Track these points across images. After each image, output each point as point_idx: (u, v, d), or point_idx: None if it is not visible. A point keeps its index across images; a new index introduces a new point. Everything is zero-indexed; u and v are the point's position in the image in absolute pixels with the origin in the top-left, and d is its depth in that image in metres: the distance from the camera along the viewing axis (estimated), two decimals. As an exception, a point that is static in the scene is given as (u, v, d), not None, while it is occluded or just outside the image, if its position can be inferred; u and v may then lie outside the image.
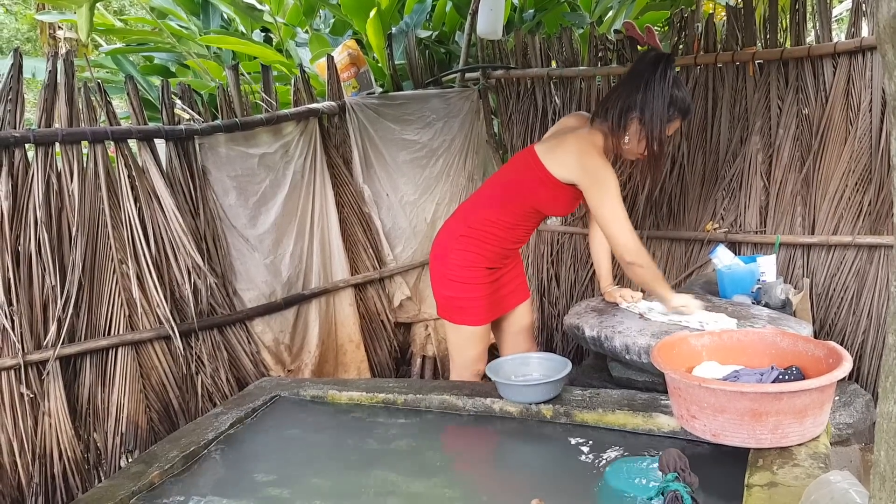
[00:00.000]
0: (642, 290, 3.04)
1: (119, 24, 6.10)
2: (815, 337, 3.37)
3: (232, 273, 3.58)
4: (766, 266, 3.32)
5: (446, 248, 3.00)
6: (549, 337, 4.65)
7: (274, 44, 5.45)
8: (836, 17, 6.46)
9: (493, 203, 2.96)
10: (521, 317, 3.22)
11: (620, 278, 3.66)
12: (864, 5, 3.39)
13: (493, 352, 3.38)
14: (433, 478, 2.25)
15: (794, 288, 3.49)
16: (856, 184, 3.46)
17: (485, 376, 2.84)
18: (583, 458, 2.23)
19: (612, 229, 2.75)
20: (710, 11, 6.01)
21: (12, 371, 2.90)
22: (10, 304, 2.89)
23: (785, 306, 3.10)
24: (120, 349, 3.18)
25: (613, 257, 3.05)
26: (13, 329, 2.89)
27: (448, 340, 3.18)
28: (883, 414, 1.13)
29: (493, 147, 4.62)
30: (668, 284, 2.83)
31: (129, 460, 3.09)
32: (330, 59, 4.02)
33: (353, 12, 4.82)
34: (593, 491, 2.04)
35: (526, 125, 4.49)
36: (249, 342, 3.62)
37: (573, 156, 2.77)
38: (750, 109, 3.74)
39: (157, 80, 5.10)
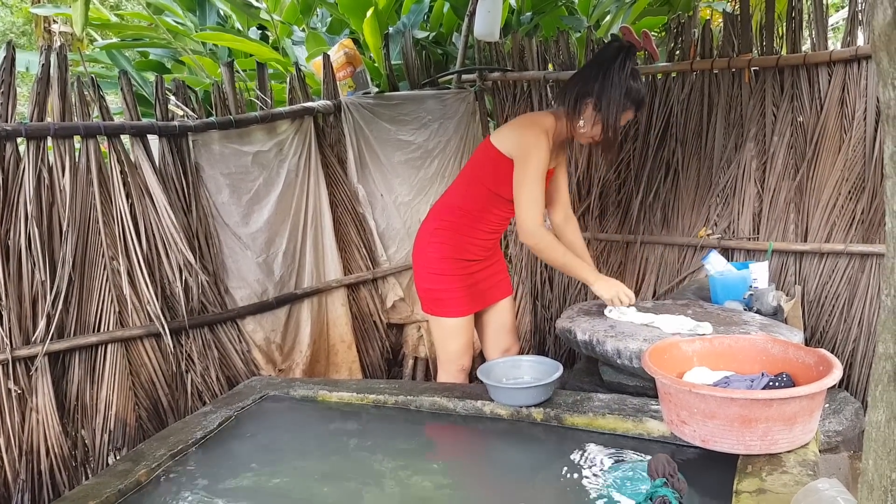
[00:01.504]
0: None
1: (115, 19, 6.08)
2: (806, 344, 3.37)
3: (224, 271, 3.57)
4: (759, 273, 3.32)
5: (424, 243, 3.06)
6: (541, 340, 4.64)
7: (270, 41, 5.45)
8: (832, 25, 6.49)
9: (459, 193, 3.04)
10: (503, 313, 3.23)
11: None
12: (860, 14, 3.40)
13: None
14: (423, 480, 2.25)
15: (786, 295, 3.50)
16: (849, 192, 3.47)
17: (475, 378, 2.84)
18: (573, 462, 2.22)
19: (520, 202, 2.82)
20: (707, 17, 6.03)
21: (0, 366, 2.88)
22: (-1, 298, 2.88)
23: (776, 313, 3.11)
24: (109, 346, 3.16)
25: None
26: (1, 324, 2.88)
27: (432, 336, 3.21)
28: (872, 422, 1.13)
29: (488, 149, 4.61)
30: (584, 269, 2.93)
31: (117, 458, 3.08)
32: (326, 57, 4.01)
33: (351, 11, 4.82)
34: (583, 496, 2.03)
35: (521, 128, 4.48)
36: (240, 341, 3.61)
37: (515, 129, 2.91)
38: (745, 116, 3.74)
39: (151, 76, 5.07)
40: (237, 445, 2.55)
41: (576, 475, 2.14)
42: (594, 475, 2.11)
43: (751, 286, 3.27)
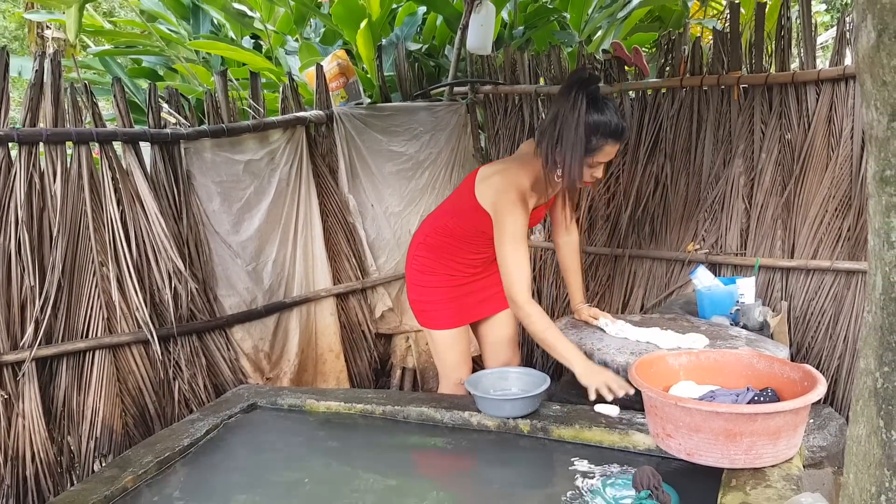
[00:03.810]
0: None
1: (108, 26, 6.09)
2: (792, 360, 3.39)
3: (213, 279, 3.57)
4: (746, 288, 3.35)
5: (411, 255, 3.07)
6: (529, 352, 4.64)
7: (263, 51, 5.46)
8: (820, 44, 6.55)
9: (446, 217, 2.99)
10: (500, 326, 3.21)
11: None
12: (848, 34, 3.44)
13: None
14: (409, 491, 2.25)
15: (773, 310, 3.52)
16: (836, 209, 3.50)
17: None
18: (558, 473, 2.23)
19: (506, 271, 2.68)
20: (698, 35, 6.08)
21: (-13, 371, 2.88)
22: (-13, 303, 2.87)
23: (763, 328, 3.13)
24: (97, 352, 3.16)
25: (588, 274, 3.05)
26: (-10, 329, 2.87)
27: (430, 348, 3.20)
28: (852, 437, 1.15)
29: (480, 161, 4.63)
30: (574, 350, 2.64)
31: (103, 465, 3.07)
32: (319, 68, 4.03)
33: (344, 22, 4.84)
34: (568, 507, 2.04)
35: (512, 140, 4.52)
36: (228, 349, 3.61)
37: (492, 192, 2.74)
38: (734, 133, 3.78)
39: (144, 83, 5.09)
40: (224, 453, 2.54)
41: (561, 487, 2.14)
42: (579, 487, 2.11)
43: (737, 301, 3.30)
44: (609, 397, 2.49)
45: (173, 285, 3.36)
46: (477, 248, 2.99)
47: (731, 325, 3.10)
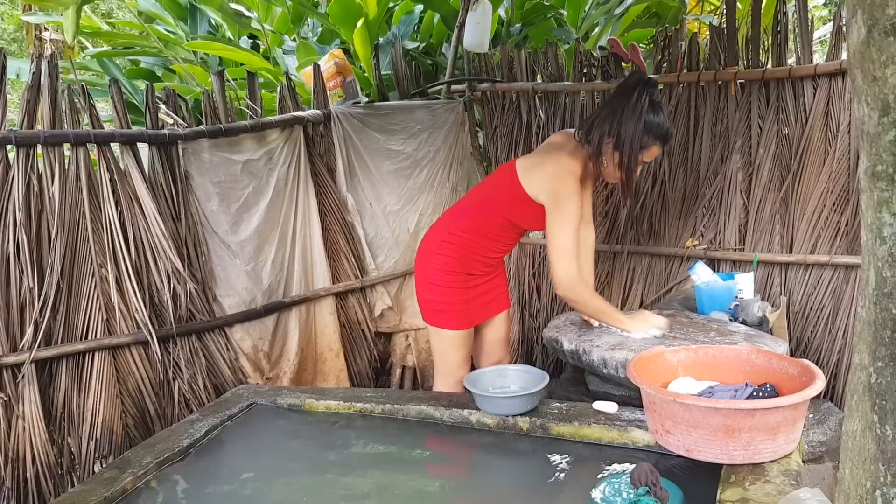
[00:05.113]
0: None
1: (106, 27, 6.09)
2: (792, 355, 3.39)
3: (212, 279, 3.57)
4: (744, 283, 3.35)
5: (429, 253, 3.04)
6: (528, 349, 4.66)
7: (261, 51, 5.46)
8: (819, 38, 6.54)
9: (474, 213, 3.00)
10: (499, 326, 3.23)
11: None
12: (844, 28, 3.44)
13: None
14: (409, 490, 2.26)
15: (772, 306, 3.52)
16: (834, 204, 3.50)
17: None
18: (558, 471, 2.23)
19: (554, 257, 2.79)
20: (695, 30, 6.08)
21: (-13, 373, 2.88)
22: (-14, 305, 2.87)
23: (762, 324, 3.13)
24: (97, 353, 3.15)
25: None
26: (-11, 331, 2.87)
27: (431, 346, 3.20)
28: (847, 432, 1.15)
29: (478, 159, 4.64)
30: (617, 313, 2.87)
31: (103, 466, 3.07)
32: (316, 67, 4.03)
33: (341, 21, 4.83)
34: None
35: (510, 138, 4.51)
36: (228, 349, 3.61)
37: (547, 179, 2.81)
38: (731, 128, 3.78)
39: (142, 84, 5.08)
40: (224, 454, 2.55)
41: (560, 484, 2.15)
42: (578, 484, 2.12)
43: (736, 297, 3.30)
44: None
45: (172, 286, 3.36)
46: (503, 245, 3.07)
47: (730, 320, 3.10)
